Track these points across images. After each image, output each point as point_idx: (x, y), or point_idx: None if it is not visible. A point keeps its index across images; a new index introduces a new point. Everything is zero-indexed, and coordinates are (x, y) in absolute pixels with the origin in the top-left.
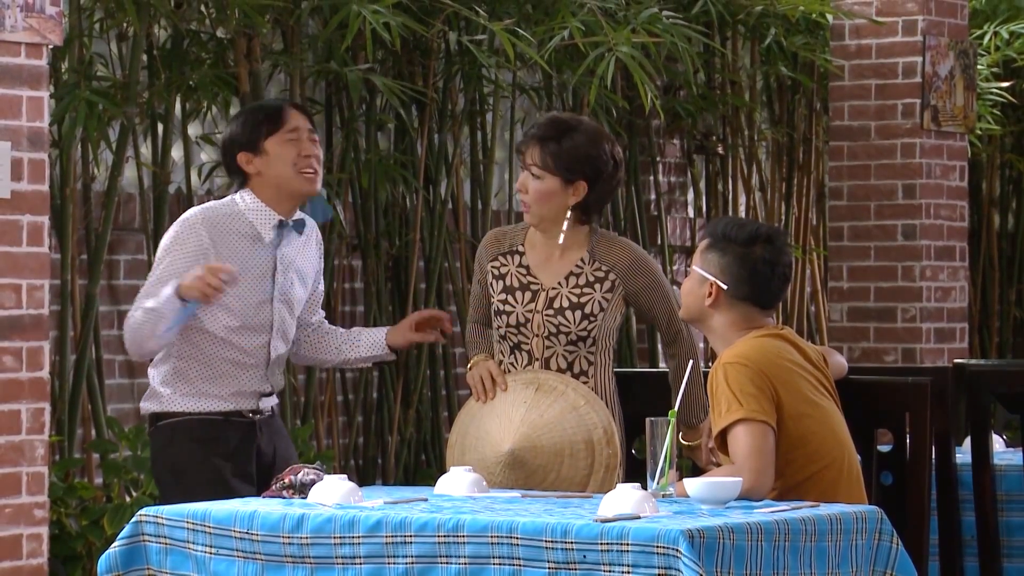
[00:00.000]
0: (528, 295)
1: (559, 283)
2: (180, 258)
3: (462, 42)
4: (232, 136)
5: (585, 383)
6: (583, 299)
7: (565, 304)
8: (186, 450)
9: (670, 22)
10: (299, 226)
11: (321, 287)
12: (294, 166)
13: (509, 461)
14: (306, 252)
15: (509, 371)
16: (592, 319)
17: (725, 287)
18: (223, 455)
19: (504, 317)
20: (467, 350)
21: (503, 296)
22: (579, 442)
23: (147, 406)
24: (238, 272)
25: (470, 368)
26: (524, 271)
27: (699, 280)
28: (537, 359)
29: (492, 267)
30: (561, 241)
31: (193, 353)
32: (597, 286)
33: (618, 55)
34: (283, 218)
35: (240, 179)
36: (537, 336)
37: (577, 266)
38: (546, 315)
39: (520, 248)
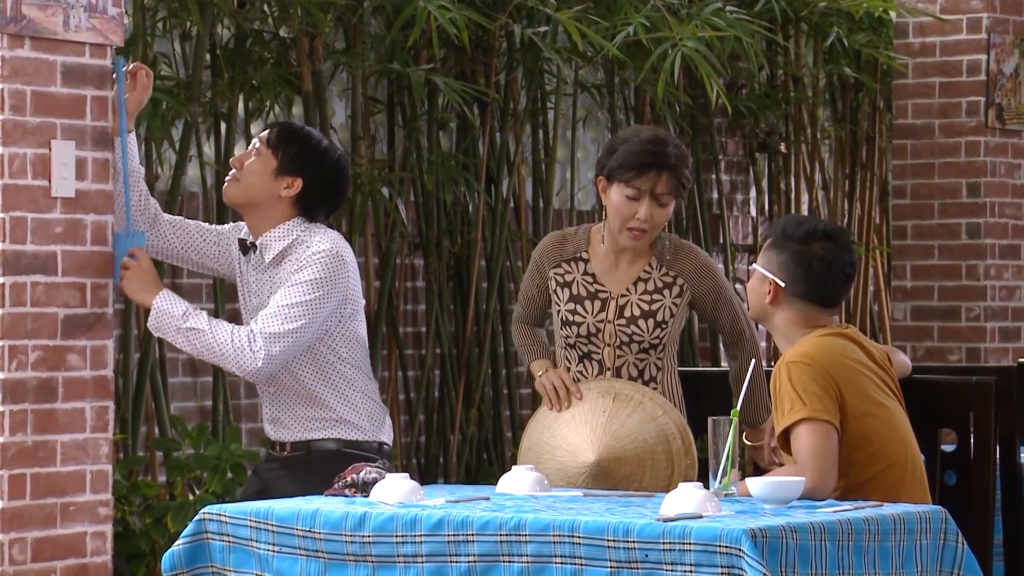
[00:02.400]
0: (598, 304)
1: (627, 290)
2: None
3: (524, 37)
4: None
5: (654, 388)
6: (654, 306)
7: (637, 313)
8: None
9: (733, 17)
10: (243, 246)
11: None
12: None
13: (594, 472)
14: (263, 277)
15: (579, 380)
16: (664, 327)
17: (783, 285)
18: None
19: (574, 328)
20: (518, 350)
21: (571, 306)
22: (659, 452)
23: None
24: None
25: (538, 376)
26: (590, 279)
27: (760, 278)
28: (608, 368)
29: (556, 274)
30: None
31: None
32: (666, 292)
33: (683, 50)
34: (241, 237)
35: None
36: (609, 346)
37: (645, 271)
38: (618, 324)
39: (584, 255)
